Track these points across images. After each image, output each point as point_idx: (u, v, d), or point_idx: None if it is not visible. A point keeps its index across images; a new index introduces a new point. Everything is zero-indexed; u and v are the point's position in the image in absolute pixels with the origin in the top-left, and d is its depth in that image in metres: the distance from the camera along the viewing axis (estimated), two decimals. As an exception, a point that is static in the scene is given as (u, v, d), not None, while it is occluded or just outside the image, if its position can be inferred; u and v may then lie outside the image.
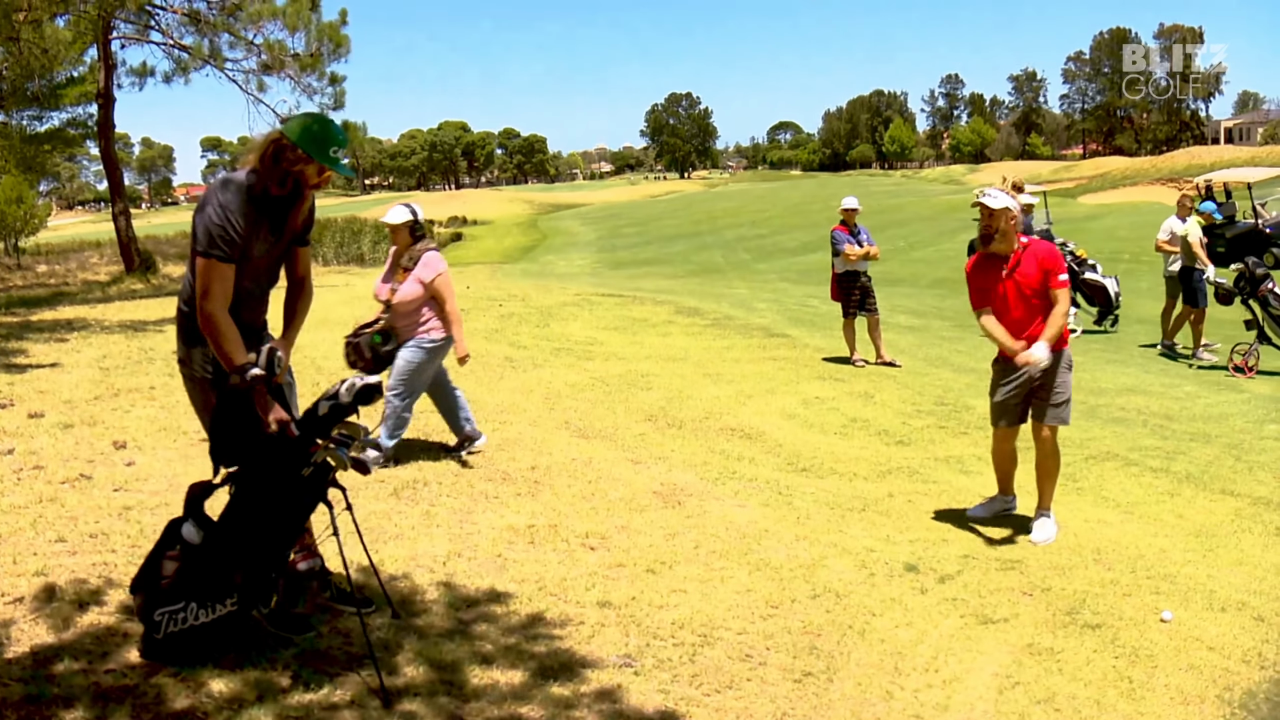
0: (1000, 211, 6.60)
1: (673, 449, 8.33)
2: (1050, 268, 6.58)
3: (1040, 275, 6.57)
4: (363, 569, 4.82)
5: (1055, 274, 6.57)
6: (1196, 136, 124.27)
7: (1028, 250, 6.68)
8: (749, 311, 18.23)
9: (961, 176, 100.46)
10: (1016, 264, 6.65)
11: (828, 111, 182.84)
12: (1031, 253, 6.67)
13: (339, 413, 4.15)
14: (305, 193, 4.39)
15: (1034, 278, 6.58)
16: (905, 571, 6.01)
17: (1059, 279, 6.57)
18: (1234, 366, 13.82)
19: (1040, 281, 6.56)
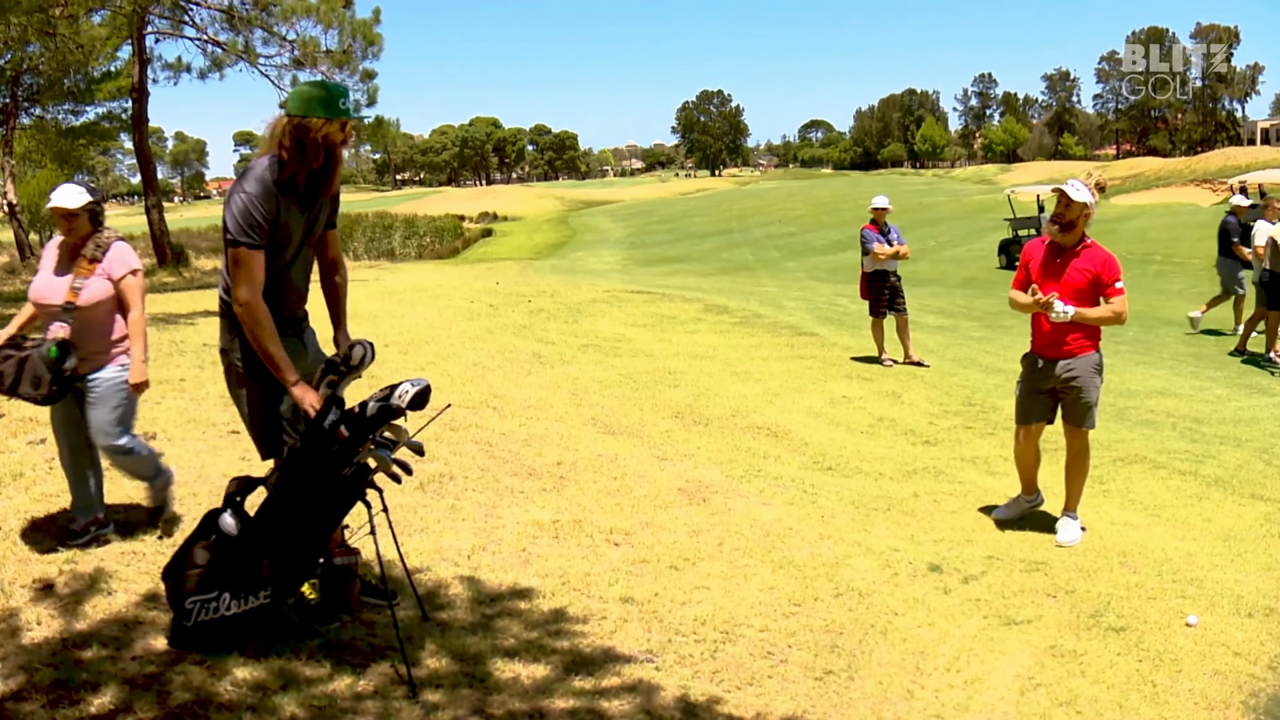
0: (1078, 204, 6.58)
1: (698, 446, 8.34)
2: (1108, 277, 6.56)
3: (1092, 278, 6.55)
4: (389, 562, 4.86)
5: (1112, 283, 6.55)
6: (1232, 137, 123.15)
7: (1089, 249, 6.66)
8: (778, 310, 18.20)
9: (993, 176, 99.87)
10: (1073, 258, 6.64)
11: (859, 110, 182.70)
12: (1091, 254, 6.65)
13: (387, 415, 4.14)
14: (337, 154, 4.39)
15: (1085, 278, 6.56)
16: (929, 572, 6.01)
17: (1116, 287, 6.54)
18: None
19: (1090, 284, 6.54)
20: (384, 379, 9.42)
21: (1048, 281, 6.68)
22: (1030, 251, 6.91)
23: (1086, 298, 6.59)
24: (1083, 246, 6.66)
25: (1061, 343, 6.68)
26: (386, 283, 18.21)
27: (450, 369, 10.02)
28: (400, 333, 11.76)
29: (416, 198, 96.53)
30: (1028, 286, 6.84)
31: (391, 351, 10.52)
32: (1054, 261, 6.71)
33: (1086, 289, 6.58)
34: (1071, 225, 6.62)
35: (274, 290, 4.32)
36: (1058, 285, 6.63)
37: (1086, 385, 6.70)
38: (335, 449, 4.02)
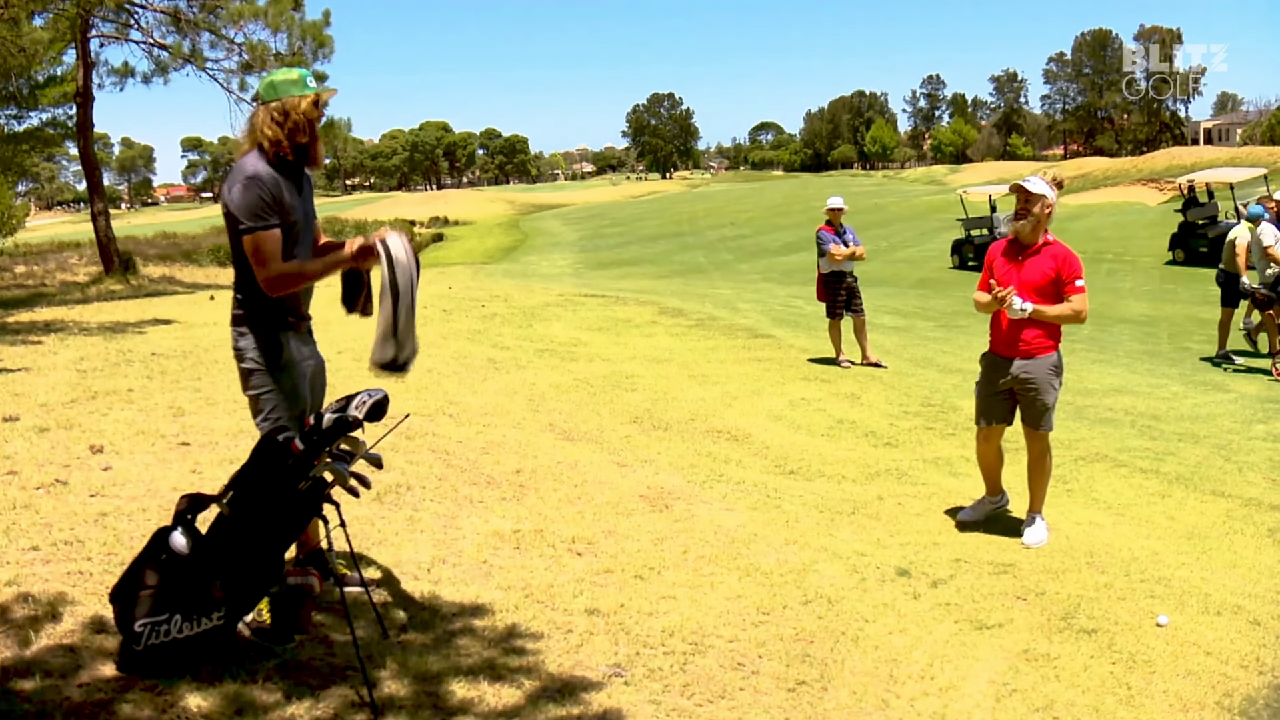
0: (1037, 197, 6.54)
1: (659, 451, 8.22)
2: (1068, 274, 6.51)
3: (1053, 275, 6.49)
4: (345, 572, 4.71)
5: (1072, 280, 6.49)
6: (1176, 137, 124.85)
7: (1050, 247, 6.61)
8: (733, 312, 18.15)
9: (943, 177, 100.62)
10: (1033, 255, 6.58)
11: (809, 112, 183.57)
12: (1052, 251, 6.60)
13: (344, 427, 3.98)
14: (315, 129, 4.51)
15: (1046, 275, 6.51)
16: (897, 576, 5.92)
17: (1076, 285, 6.49)
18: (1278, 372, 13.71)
19: (1050, 281, 6.49)
20: (338, 387, 9.20)
21: (1008, 279, 6.63)
22: (993, 252, 6.86)
23: (1047, 295, 6.54)
24: (1044, 244, 6.61)
25: (1018, 342, 6.63)
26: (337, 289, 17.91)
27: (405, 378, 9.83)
28: (353, 340, 11.50)
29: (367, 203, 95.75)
30: (988, 287, 6.80)
31: (345, 359, 10.32)
32: (1015, 259, 6.66)
33: (1047, 286, 6.52)
34: (1026, 215, 6.57)
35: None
36: (1018, 283, 6.58)
37: (1043, 386, 6.64)
38: (289, 463, 3.85)
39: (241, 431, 7.54)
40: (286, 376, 4.52)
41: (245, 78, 20.22)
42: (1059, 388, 6.78)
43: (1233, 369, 14.58)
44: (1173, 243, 29.27)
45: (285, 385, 4.51)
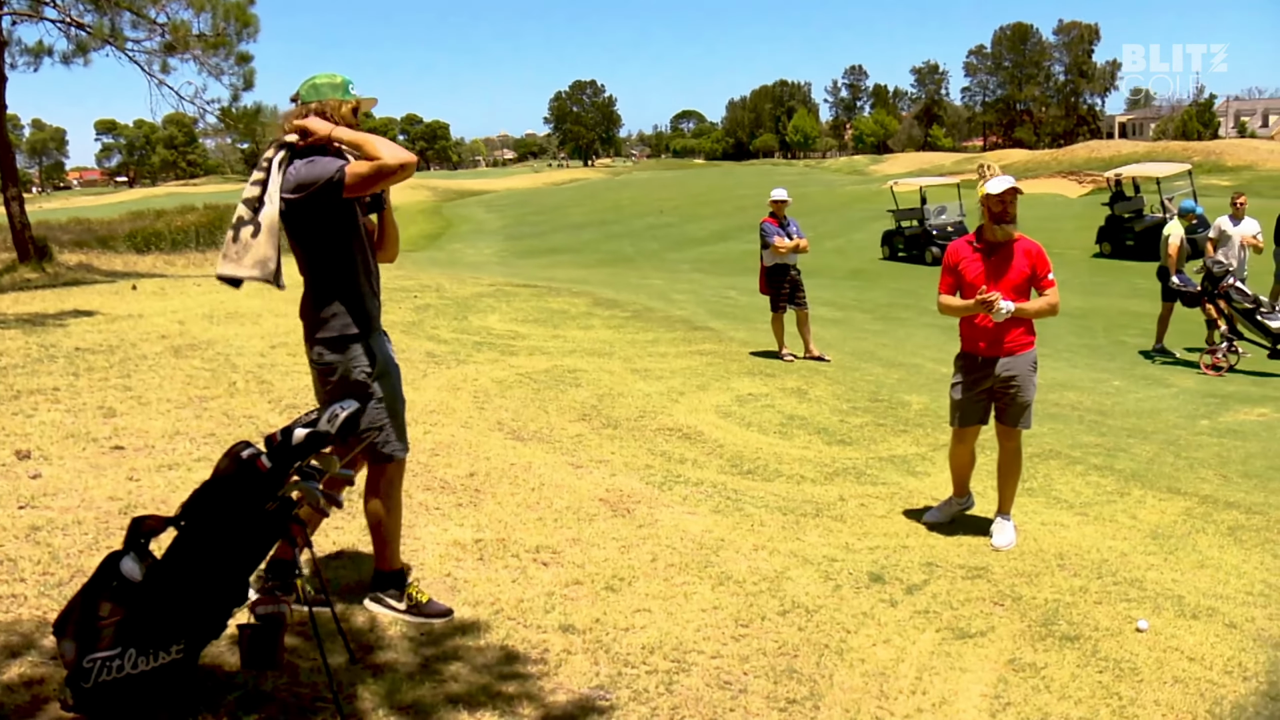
0: (1011, 191, 6.36)
1: (612, 451, 8.00)
2: (1041, 269, 6.38)
3: (1028, 271, 6.36)
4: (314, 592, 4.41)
5: (1046, 275, 6.37)
6: (1093, 131, 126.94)
7: (1019, 243, 6.47)
8: (668, 303, 18.00)
9: (865, 167, 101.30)
10: (1006, 254, 6.44)
11: (731, 100, 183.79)
12: (1023, 248, 6.47)
13: (316, 443, 3.69)
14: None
15: (1022, 273, 6.37)
16: (871, 582, 5.75)
17: (1049, 279, 6.37)
18: (1206, 366, 13.83)
19: (1026, 279, 6.37)
20: (275, 383, 8.93)
21: (989, 281, 6.49)
22: (956, 254, 6.66)
23: (1023, 292, 6.43)
24: (1014, 241, 6.48)
25: (1001, 340, 6.48)
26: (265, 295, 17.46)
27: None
28: (286, 333, 11.18)
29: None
30: (955, 290, 6.64)
31: (280, 354, 9.98)
32: (989, 259, 6.50)
33: (1023, 284, 6.41)
34: (1013, 219, 6.44)
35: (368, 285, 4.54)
36: (999, 284, 6.43)
37: (1024, 384, 6.52)
38: (256, 482, 3.56)
39: (178, 433, 7.20)
40: (386, 383, 4.55)
41: (167, 59, 19.55)
42: (1036, 384, 6.67)
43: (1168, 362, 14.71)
44: (1100, 236, 29.59)
45: (387, 392, 4.54)
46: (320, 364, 4.45)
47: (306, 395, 8.51)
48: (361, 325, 4.47)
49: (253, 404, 8.17)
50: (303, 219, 4.32)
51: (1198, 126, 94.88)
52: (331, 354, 4.41)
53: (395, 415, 4.61)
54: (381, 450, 4.58)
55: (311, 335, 4.47)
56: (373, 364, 4.48)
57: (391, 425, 4.58)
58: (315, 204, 4.28)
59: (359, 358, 4.44)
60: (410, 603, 4.75)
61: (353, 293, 4.46)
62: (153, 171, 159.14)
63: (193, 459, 6.72)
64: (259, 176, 4.33)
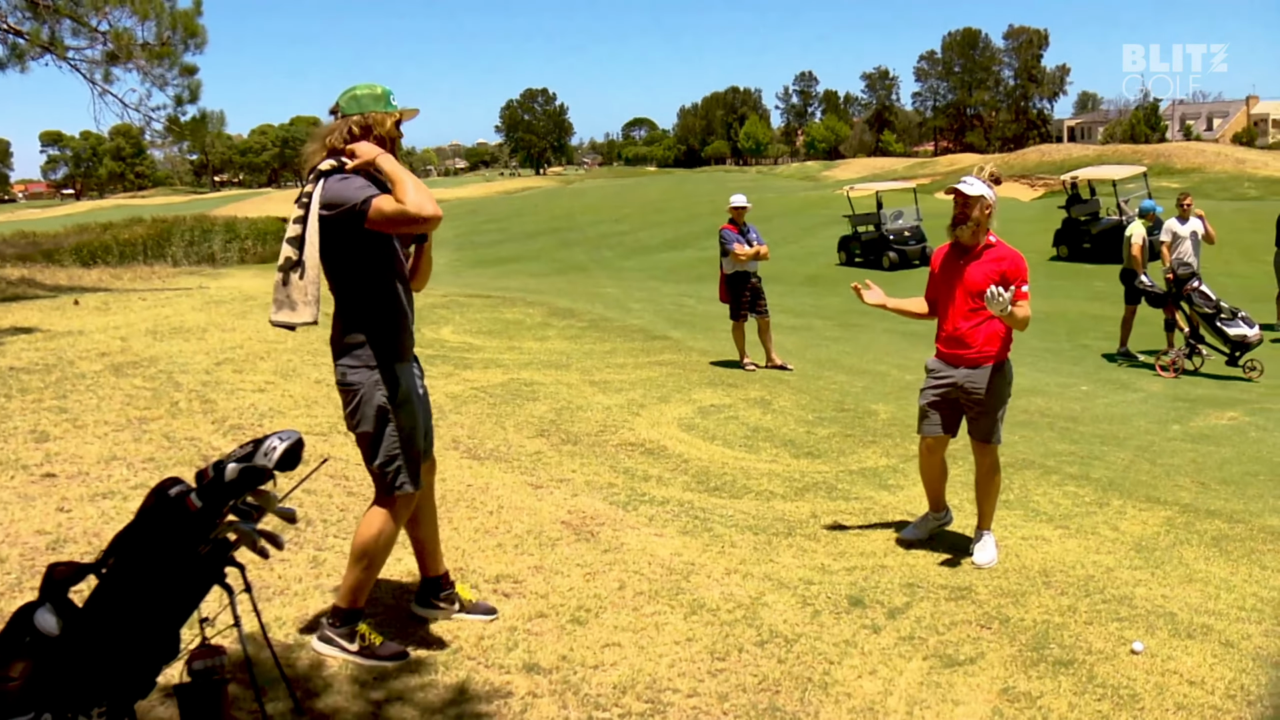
0: (976, 199, 6.11)
1: (573, 470, 7.67)
2: (1015, 277, 6.08)
3: (997, 278, 6.05)
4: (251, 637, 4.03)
5: (1020, 284, 6.06)
6: (1043, 135, 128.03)
7: (994, 249, 6.19)
8: (625, 312, 17.68)
9: (817, 173, 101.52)
10: (975, 257, 6.16)
11: (683, 108, 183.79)
12: (997, 253, 6.18)
13: (252, 479, 3.33)
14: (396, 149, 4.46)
15: (991, 279, 6.06)
16: (851, 607, 5.45)
17: (1024, 290, 6.06)
18: (1160, 367, 13.75)
19: (994, 284, 6.06)
20: (219, 403, 8.50)
21: (949, 283, 6.24)
22: (936, 256, 6.47)
23: None
24: (986, 246, 6.21)
25: (967, 347, 6.21)
26: (212, 291, 16.94)
27: (292, 389, 9.11)
28: (233, 348, 10.76)
29: (236, 199, 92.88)
30: (935, 293, 6.40)
31: (226, 370, 9.56)
32: (956, 262, 6.25)
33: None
34: (966, 220, 6.17)
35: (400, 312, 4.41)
36: (960, 286, 6.18)
37: (990, 396, 6.24)
38: (186, 523, 3.19)
39: (114, 458, 6.79)
40: (407, 412, 4.37)
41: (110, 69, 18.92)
42: (1009, 397, 6.40)
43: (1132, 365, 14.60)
44: (1057, 239, 29.58)
45: (406, 422, 4.36)
46: (342, 384, 4.34)
47: (252, 415, 8.13)
48: (389, 350, 4.34)
49: (195, 425, 7.75)
50: (335, 237, 4.19)
51: (1145, 130, 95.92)
52: (354, 375, 4.30)
53: (410, 447, 4.41)
54: (390, 483, 4.37)
55: (337, 356, 4.36)
56: (395, 391, 4.32)
57: (404, 458, 4.38)
58: (345, 224, 4.16)
59: (381, 383, 4.29)
60: (362, 644, 4.41)
61: (383, 317, 4.34)
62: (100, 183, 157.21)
63: (129, 486, 6.32)
64: (299, 214, 4.23)
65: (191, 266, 28.88)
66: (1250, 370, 13.64)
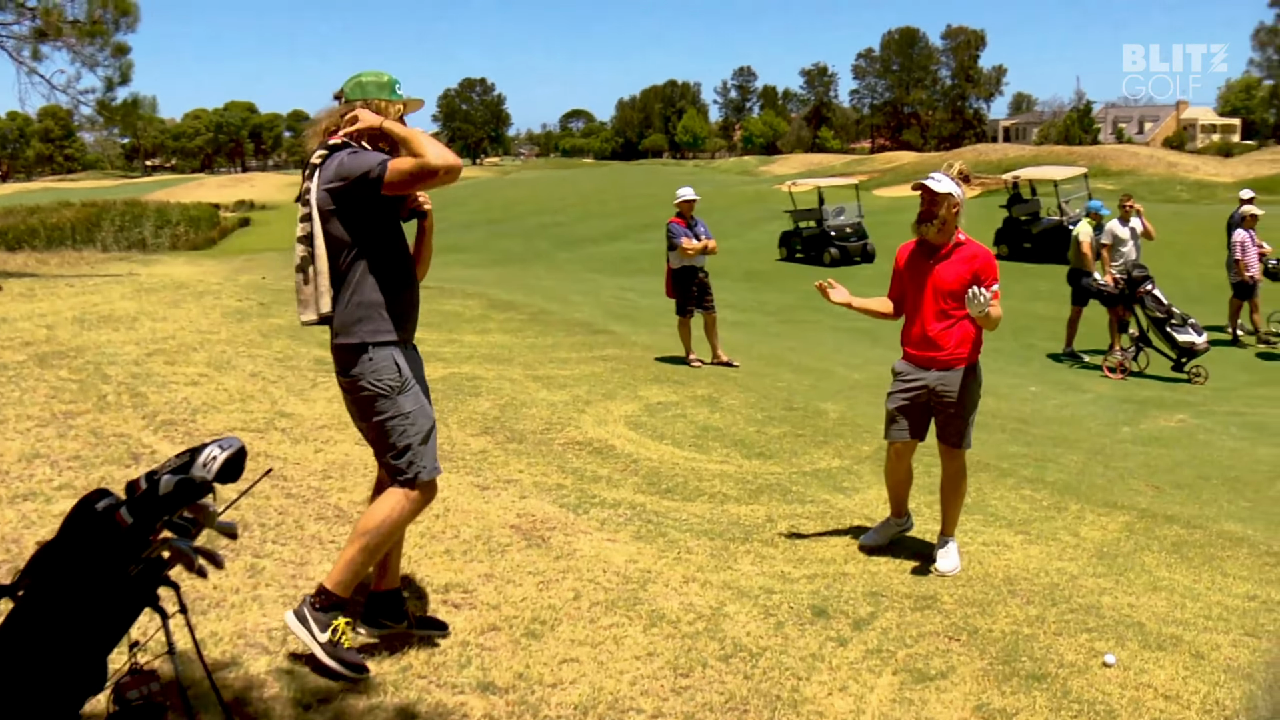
0: (943, 196, 5.90)
1: (520, 470, 7.39)
2: (986, 277, 5.89)
3: (968, 278, 5.87)
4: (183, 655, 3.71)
5: (991, 285, 5.86)
6: (979, 134, 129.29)
7: (963, 248, 6.00)
8: (566, 305, 17.42)
9: (754, 168, 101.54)
10: (944, 257, 5.97)
11: (621, 100, 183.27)
12: (967, 252, 5.98)
13: (188, 493, 3.01)
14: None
15: (958, 278, 5.88)
16: (815, 617, 5.24)
17: (995, 290, 5.87)
18: (1107, 368, 13.76)
19: (964, 285, 5.86)
20: (150, 396, 8.11)
21: (917, 283, 6.05)
22: (901, 255, 6.25)
23: (962, 300, 5.93)
24: (955, 244, 6.02)
25: (939, 349, 6.02)
26: (143, 278, 16.41)
27: (226, 383, 8.73)
28: (164, 339, 10.33)
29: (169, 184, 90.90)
30: (900, 292, 6.20)
31: (157, 361, 9.15)
32: (924, 261, 6.05)
33: (962, 291, 5.90)
34: (934, 218, 5.97)
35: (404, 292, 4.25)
36: (929, 287, 5.99)
37: (961, 400, 6.07)
38: (114, 541, 2.88)
39: (37, 456, 6.40)
40: (410, 397, 4.21)
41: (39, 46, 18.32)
42: (979, 400, 6.23)
43: (1079, 366, 14.60)
44: (998, 238, 29.61)
45: (410, 407, 4.20)
46: (342, 374, 4.20)
47: (184, 410, 7.76)
48: (389, 333, 4.17)
49: (125, 420, 7.36)
50: (339, 211, 4.09)
51: (1079, 132, 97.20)
52: (354, 363, 4.14)
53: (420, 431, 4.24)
54: (406, 473, 4.21)
55: (334, 339, 4.20)
56: (397, 376, 4.15)
57: (417, 443, 4.21)
58: (353, 197, 4.06)
59: (380, 368, 4.13)
60: (333, 638, 4.14)
61: (386, 297, 4.17)
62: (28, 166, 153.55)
63: (53, 487, 5.93)
64: (305, 211, 4.15)
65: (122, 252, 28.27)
66: (1195, 376, 13.68)
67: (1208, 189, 49.84)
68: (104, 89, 18.32)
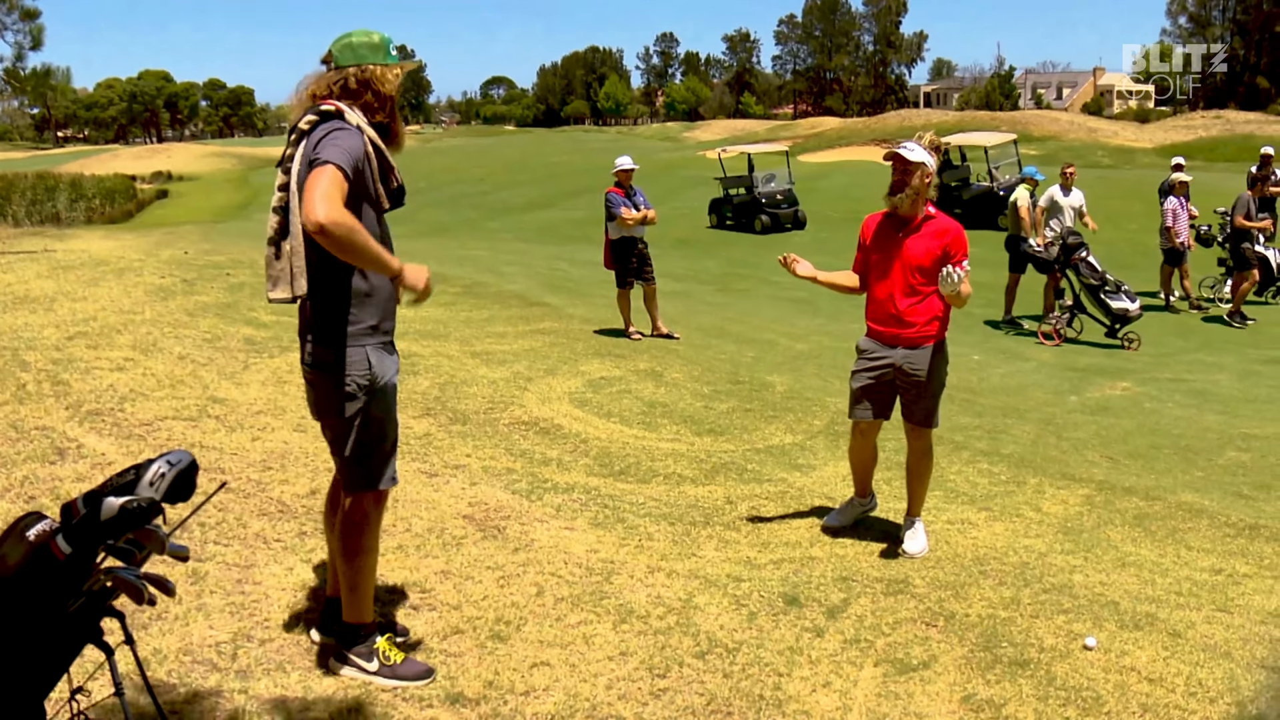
0: (916, 165, 5.67)
1: (467, 454, 7.11)
2: (956, 251, 5.70)
3: (938, 253, 5.67)
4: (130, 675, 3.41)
5: (959, 261, 5.67)
6: (900, 100, 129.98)
7: (933, 221, 5.79)
8: (499, 277, 17.08)
9: (678, 134, 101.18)
10: (914, 230, 5.75)
11: (542, 67, 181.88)
12: (937, 226, 5.78)
13: (133, 518, 2.67)
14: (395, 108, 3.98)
15: (928, 253, 5.69)
16: (788, 606, 5.05)
17: (964, 265, 5.67)
18: (1043, 334, 13.79)
19: (936, 261, 5.67)
20: (73, 384, 7.70)
21: (885, 258, 5.83)
22: (866, 228, 6.01)
23: (931, 276, 5.74)
24: (925, 218, 5.81)
25: (906, 326, 5.82)
26: (59, 255, 15.72)
27: (154, 367, 8.32)
28: (86, 320, 9.86)
29: (82, 156, 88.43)
30: (865, 266, 5.98)
31: (79, 345, 8.71)
32: (894, 235, 5.83)
33: (932, 267, 5.71)
34: (904, 188, 5.75)
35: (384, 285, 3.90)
36: (898, 261, 5.78)
37: (928, 378, 5.89)
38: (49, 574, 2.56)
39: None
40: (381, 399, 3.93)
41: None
42: (946, 377, 6.06)
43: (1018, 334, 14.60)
44: (931, 204, 29.74)
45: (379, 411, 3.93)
46: (309, 365, 3.94)
47: (110, 398, 7.35)
48: (366, 327, 3.87)
49: (47, 412, 6.95)
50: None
51: (999, 98, 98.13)
52: (320, 354, 3.88)
53: (385, 438, 4.00)
54: (363, 477, 3.94)
55: (303, 332, 3.95)
56: (369, 374, 3.85)
57: (380, 450, 3.98)
58: None
59: (351, 364, 3.83)
60: (383, 663, 3.95)
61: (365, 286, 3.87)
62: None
63: (-32, 488, 5.57)
64: (283, 180, 3.80)
65: (35, 227, 27.28)
66: (1129, 343, 13.72)
67: (1128, 154, 50.57)
68: (13, 59, 17.58)
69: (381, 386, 3.91)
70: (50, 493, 5.49)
